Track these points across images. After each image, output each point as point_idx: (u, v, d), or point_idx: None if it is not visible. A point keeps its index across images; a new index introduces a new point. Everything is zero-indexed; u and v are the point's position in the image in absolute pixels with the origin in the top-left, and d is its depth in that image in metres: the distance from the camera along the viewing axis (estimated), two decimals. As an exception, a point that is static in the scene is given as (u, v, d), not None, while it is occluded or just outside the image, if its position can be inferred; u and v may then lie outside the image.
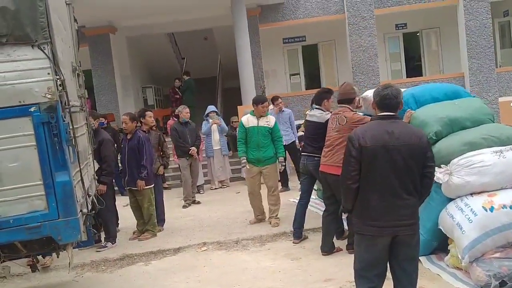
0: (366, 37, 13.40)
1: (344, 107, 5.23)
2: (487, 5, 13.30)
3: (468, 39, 13.38)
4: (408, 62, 15.65)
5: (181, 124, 8.74)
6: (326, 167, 5.17)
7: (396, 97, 3.06)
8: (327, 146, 5.24)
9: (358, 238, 3.10)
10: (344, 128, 5.02)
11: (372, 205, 2.98)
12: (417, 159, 2.97)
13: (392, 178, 2.95)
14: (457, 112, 4.90)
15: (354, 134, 3.04)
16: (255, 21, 13.29)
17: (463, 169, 4.31)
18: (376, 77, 13.46)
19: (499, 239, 4.10)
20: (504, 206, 4.10)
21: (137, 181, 6.50)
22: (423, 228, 4.71)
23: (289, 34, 14.96)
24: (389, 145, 2.94)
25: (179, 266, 5.52)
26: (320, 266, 4.97)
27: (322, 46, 15.53)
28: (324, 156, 5.24)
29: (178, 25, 14.04)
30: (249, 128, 6.61)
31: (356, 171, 2.98)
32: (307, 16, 13.63)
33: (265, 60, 13.85)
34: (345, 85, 5.45)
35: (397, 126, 3.04)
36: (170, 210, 7.94)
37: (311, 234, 6.14)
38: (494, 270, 3.89)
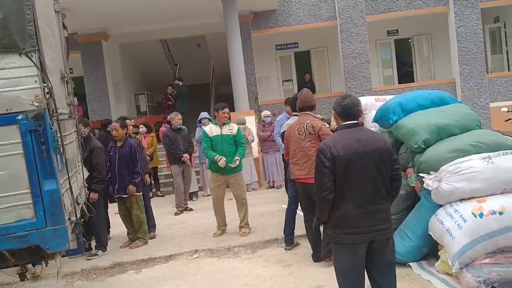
0: (358, 44, 13.48)
1: (307, 115, 5.22)
2: (478, 12, 13.43)
3: (459, 45, 13.50)
4: (400, 68, 15.78)
5: (173, 130, 8.73)
6: (307, 179, 5.02)
7: (356, 106, 3.14)
8: (301, 157, 5.11)
9: (338, 248, 3.10)
10: (315, 138, 5.03)
11: (349, 213, 3.00)
12: (386, 163, 3.04)
13: (366, 184, 2.99)
14: (444, 119, 4.93)
15: (325, 145, 3.05)
16: (247, 28, 13.35)
17: (452, 175, 4.32)
18: (368, 83, 13.53)
19: (489, 245, 4.10)
20: (493, 212, 4.11)
21: (128, 186, 6.47)
22: (413, 234, 4.75)
23: (282, 40, 15.04)
24: (360, 152, 2.99)
25: (170, 274, 5.49)
26: (311, 273, 4.96)
27: (314, 52, 15.62)
28: (301, 169, 5.12)
29: (171, 31, 14.07)
30: (213, 138, 6.63)
31: (331, 181, 3.00)
32: (300, 23, 13.71)
33: (258, 66, 13.89)
34: (304, 92, 5.40)
35: (363, 133, 3.11)
36: (162, 217, 7.91)
37: (302, 241, 6.11)
38: (484, 276, 3.89)
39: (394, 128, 5.25)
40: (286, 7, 13.65)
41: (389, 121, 5.36)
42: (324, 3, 13.65)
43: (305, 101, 5.28)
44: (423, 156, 4.76)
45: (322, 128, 5.06)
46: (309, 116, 5.21)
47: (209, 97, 16.65)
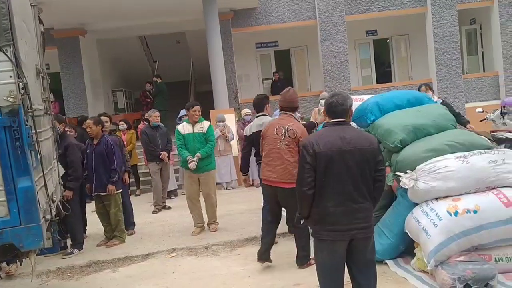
0: (337, 43, 13.57)
1: (288, 116, 5.01)
2: (455, 13, 13.65)
3: (436, 46, 13.70)
4: (378, 68, 15.93)
5: (151, 128, 8.65)
6: (279, 183, 4.86)
7: (341, 104, 3.14)
8: (275, 159, 4.87)
9: (318, 245, 3.13)
10: (295, 141, 4.80)
11: (329, 210, 3.02)
12: (369, 163, 3.05)
13: (347, 182, 3.01)
14: (421, 119, 5.01)
15: (308, 141, 3.08)
16: (227, 26, 13.30)
17: (428, 174, 4.40)
18: (347, 82, 13.63)
19: (463, 243, 4.19)
20: (468, 210, 4.19)
21: (107, 186, 6.39)
22: (390, 232, 4.81)
23: (262, 39, 15.05)
24: (342, 150, 3.00)
25: (148, 272, 5.44)
26: (289, 270, 4.98)
27: (294, 51, 15.67)
28: (272, 171, 4.88)
29: (150, 28, 13.93)
30: (185, 135, 6.64)
31: (311, 177, 3.01)
32: (280, 21, 13.72)
33: (238, 64, 13.87)
34: (291, 92, 5.15)
35: (349, 132, 3.12)
36: (140, 216, 7.84)
37: (281, 239, 6.14)
38: (458, 273, 3.95)
39: (372, 128, 5.30)
40: (266, 6, 13.65)
41: (366, 121, 5.41)
42: (304, 2, 13.69)
43: (290, 101, 5.03)
44: (399, 156, 4.83)
45: (303, 134, 4.86)
46: (292, 118, 5.00)
47: (188, 94, 16.55)
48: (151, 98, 13.67)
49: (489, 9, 13.98)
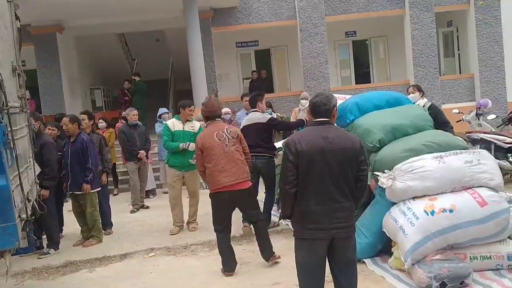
0: (317, 44, 13.64)
1: (217, 122, 5.15)
2: (432, 15, 13.86)
3: (414, 47, 13.89)
4: (357, 69, 16.06)
5: (129, 126, 8.57)
6: (238, 184, 4.89)
7: (325, 104, 3.15)
8: (226, 163, 4.88)
9: (299, 244, 3.14)
10: (238, 142, 5.06)
11: (310, 209, 3.03)
12: (351, 162, 3.07)
13: (328, 182, 3.02)
14: (399, 120, 5.08)
15: (291, 140, 3.09)
16: (207, 24, 13.25)
17: (406, 174, 4.46)
18: (326, 83, 13.72)
19: (439, 242, 4.25)
20: (444, 210, 4.26)
21: (82, 185, 6.30)
22: (368, 231, 4.86)
23: (242, 38, 15.04)
24: (324, 149, 3.01)
25: (125, 272, 5.38)
26: (268, 270, 4.98)
27: (274, 51, 15.70)
28: (229, 175, 4.86)
29: (129, 25, 13.76)
30: (175, 132, 6.62)
31: (294, 175, 3.02)
32: (260, 21, 13.73)
33: (218, 63, 13.83)
34: (212, 100, 5.30)
35: (331, 131, 3.13)
36: (117, 215, 7.76)
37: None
38: (434, 272, 4.01)
39: (351, 128, 5.36)
40: (246, 5, 13.64)
41: (346, 120, 5.47)
42: (284, 2, 13.72)
43: (212, 110, 5.15)
44: (378, 155, 4.89)
45: (241, 134, 5.18)
46: (222, 123, 5.23)
47: (167, 93, 16.43)
48: (130, 97, 13.54)
49: (465, 12, 14.24)
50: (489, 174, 4.44)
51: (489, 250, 4.29)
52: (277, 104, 13.30)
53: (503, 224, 4.26)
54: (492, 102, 11.66)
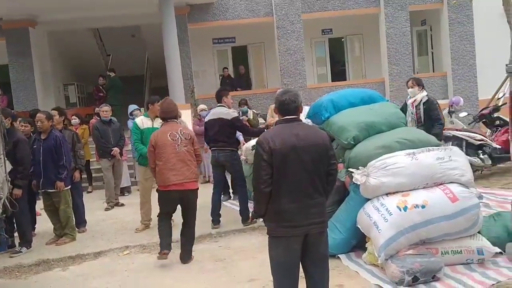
0: (294, 41, 13.69)
1: (173, 123, 5.27)
2: (407, 14, 14.05)
3: (388, 46, 14.06)
4: (333, 67, 16.16)
5: (103, 123, 8.44)
6: (187, 184, 5.07)
7: (294, 102, 3.17)
8: (177, 163, 5.05)
9: (273, 242, 3.13)
10: (190, 144, 5.19)
11: (285, 206, 3.03)
12: (323, 158, 3.10)
13: (302, 179, 3.04)
14: (373, 117, 5.15)
15: (264, 138, 3.08)
16: (184, 20, 13.16)
17: (379, 170, 4.51)
18: (303, 80, 13.79)
19: (412, 237, 4.32)
20: (416, 205, 4.33)
21: (56, 183, 6.19)
22: (343, 227, 4.91)
23: (219, 34, 14.97)
24: (297, 146, 3.03)
25: (99, 270, 5.32)
26: (244, 266, 5.00)
27: (251, 48, 15.67)
28: (178, 174, 5.03)
29: (104, 20, 13.57)
30: (144, 130, 6.54)
31: (268, 174, 3.02)
32: (237, 17, 13.70)
33: (195, 60, 13.76)
34: (167, 102, 5.42)
35: (301, 128, 3.16)
36: (92, 213, 7.65)
37: (236, 235, 6.17)
38: (407, 266, 4.07)
39: (326, 125, 5.40)
40: (223, 1, 13.58)
41: (321, 118, 5.51)
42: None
43: (167, 111, 5.29)
44: (352, 152, 4.94)
45: (194, 136, 5.36)
46: (178, 124, 5.34)
47: (143, 89, 16.27)
48: (104, 93, 13.35)
49: (438, 11, 14.47)
50: (460, 171, 4.54)
51: (460, 244, 4.38)
52: (254, 101, 13.31)
53: (474, 219, 4.35)
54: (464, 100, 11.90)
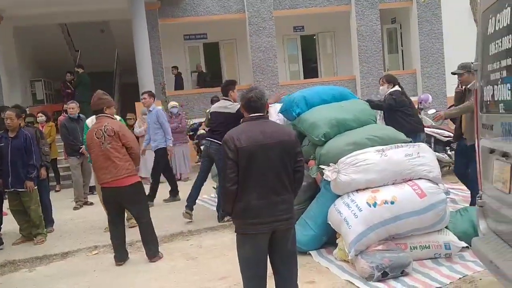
0: (266, 38, 13.68)
1: (103, 117, 5.07)
2: (377, 12, 14.22)
3: (359, 43, 14.20)
4: (305, 64, 16.23)
5: (72, 120, 8.25)
6: (116, 182, 4.92)
7: (260, 99, 3.18)
8: (103, 161, 4.92)
9: (241, 239, 3.13)
10: (115, 139, 4.94)
11: (252, 204, 3.03)
12: (290, 155, 3.11)
13: (269, 176, 3.04)
14: (343, 114, 5.19)
15: (229, 137, 3.07)
16: (154, 16, 12.99)
17: (350, 167, 4.55)
18: (275, 77, 13.80)
19: (381, 232, 4.38)
20: (386, 201, 4.38)
21: (25, 182, 6.05)
22: (314, 223, 4.92)
23: (190, 30, 14.84)
24: (264, 144, 3.03)
25: (67, 271, 5.22)
26: (216, 264, 4.97)
27: (223, 44, 15.58)
28: (107, 172, 4.92)
29: (72, 15, 13.27)
30: None
31: (234, 172, 3.01)
32: (208, 13, 13.60)
33: (165, 56, 13.58)
34: (96, 94, 5.22)
35: (268, 126, 3.17)
36: (60, 212, 7.50)
37: (208, 233, 6.13)
38: (376, 262, 4.12)
39: (297, 121, 5.41)
40: (194, -3, 13.48)
41: (292, 113, 5.52)
42: (232, -5, 13.66)
43: (93, 104, 5.13)
44: (323, 149, 4.96)
45: (122, 129, 5.04)
46: (106, 119, 5.07)
47: (113, 86, 15.99)
48: (72, 89, 13.07)
49: (408, 10, 14.69)
50: (428, 167, 4.61)
51: (428, 239, 4.46)
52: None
53: (441, 214, 4.43)
54: (433, 97, 12.17)
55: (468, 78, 5.52)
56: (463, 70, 5.55)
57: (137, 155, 5.17)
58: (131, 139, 5.12)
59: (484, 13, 3.29)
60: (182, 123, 10.57)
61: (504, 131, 2.92)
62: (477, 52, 3.47)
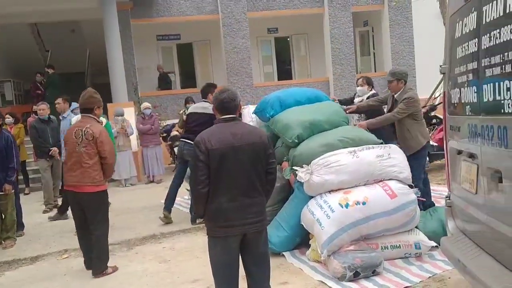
0: (240, 39, 13.68)
1: (87, 118, 4.89)
2: (350, 15, 14.39)
3: (332, 46, 14.34)
4: (279, 66, 16.29)
5: (42, 121, 8.07)
6: (79, 187, 4.75)
7: (233, 100, 3.16)
8: (74, 163, 4.75)
9: (212, 242, 3.11)
10: (91, 144, 4.73)
11: (223, 206, 3.01)
12: (261, 157, 3.10)
13: (240, 178, 3.03)
14: (316, 116, 5.24)
15: (200, 139, 3.04)
16: (126, 16, 12.83)
17: (322, 168, 4.59)
18: (249, 78, 13.81)
19: (353, 233, 4.42)
20: (357, 202, 4.43)
21: (4, 185, 5.95)
22: (287, 225, 4.94)
23: (164, 31, 14.71)
24: (235, 146, 3.01)
25: (37, 276, 5.10)
26: (188, 267, 4.93)
27: (197, 45, 15.49)
28: (73, 175, 4.76)
29: (42, 15, 12.95)
30: None
31: (205, 175, 2.98)
32: (182, 14, 13.52)
33: (138, 56, 13.44)
34: (86, 92, 5.02)
35: (240, 127, 3.14)
36: (29, 216, 7.33)
37: (181, 236, 6.09)
38: (348, 262, 4.16)
39: (271, 123, 5.43)
40: (167, -3, 13.37)
41: (266, 115, 5.54)
42: (206, -5, 13.61)
43: (81, 102, 4.95)
44: (296, 151, 5.00)
45: (102, 135, 4.79)
46: (90, 120, 4.87)
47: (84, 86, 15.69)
48: (42, 90, 12.80)
49: (380, 13, 14.92)
50: (398, 168, 4.69)
51: (399, 239, 4.53)
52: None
53: (411, 214, 4.51)
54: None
55: (397, 86, 5.53)
56: (393, 78, 5.53)
57: (110, 166, 4.92)
58: (108, 148, 4.83)
59: (452, 17, 3.36)
60: (155, 125, 10.49)
61: (471, 133, 2.98)
62: (445, 55, 3.54)
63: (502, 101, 2.50)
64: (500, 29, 2.51)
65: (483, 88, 2.74)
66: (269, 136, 3.51)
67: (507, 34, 2.44)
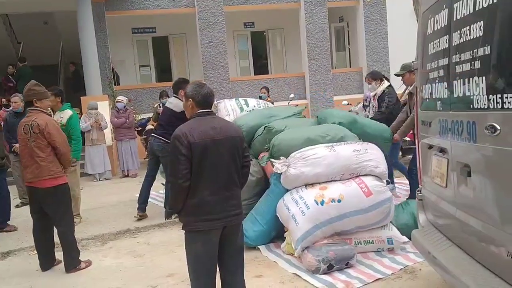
0: (216, 33, 13.62)
1: (34, 112, 4.74)
2: (325, 10, 14.46)
3: (308, 41, 14.40)
4: (255, 60, 16.29)
5: (15, 115, 7.88)
6: (38, 183, 4.66)
7: (212, 95, 3.23)
8: (28, 159, 4.66)
9: (191, 236, 3.09)
10: (40, 137, 4.62)
11: (205, 200, 3.01)
12: (238, 150, 3.14)
13: (221, 171, 3.04)
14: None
15: (181, 132, 3.02)
16: (101, 8, 12.63)
17: (299, 161, 4.63)
18: (225, 73, 13.77)
19: (327, 230, 4.47)
20: (333, 200, 4.47)
21: None
22: (263, 219, 4.97)
23: (139, 24, 14.53)
24: (215, 139, 3.02)
25: (9, 272, 5.01)
26: (163, 261, 4.92)
27: (173, 38, 15.37)
28: (29, 172, 4.67)
29: (13, 6, 12.62)
30: None
31: (187, 169, 2.97)
32: (157, 7, 13.37)
33: (113, 49, 13.25)
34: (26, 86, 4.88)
35: (217, 121, 3.17)
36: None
37: (156, 230, 6.07)
38: (322, 255, 4.21)
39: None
40: (142, -11, 13.20)
41: None
42: (182, -12, 13.49)
43: (23, 96, 4.91)
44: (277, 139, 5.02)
45: (48, 126, 4.65)
46: (36, 113, 4.73)
47: (57, 79, 15.43)
48: (14, 82, 12.51)
49: (355, 9, 15.04)
50: (374, 162, 4.73)
51: (372, 235, 4.60)
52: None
53: (386, 212, 4.56)
54: (378, 94, 12.47)
55: (410, 78, 5.70)
56: (404, 71, 5.71)
57: (64, 156, 4.78)
58: (57, 137, 4.70)
59: (424, 13, 3.42)
60: (130, 118, 10.37)
61: (442, 128, 3.05)
62: (417, 51, 3.61)
63: (471, 97, 2.57)
64: (470, 26, 2.56)
65: (454, 84, 2.81)
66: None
67: (477, 31, 2.50)
